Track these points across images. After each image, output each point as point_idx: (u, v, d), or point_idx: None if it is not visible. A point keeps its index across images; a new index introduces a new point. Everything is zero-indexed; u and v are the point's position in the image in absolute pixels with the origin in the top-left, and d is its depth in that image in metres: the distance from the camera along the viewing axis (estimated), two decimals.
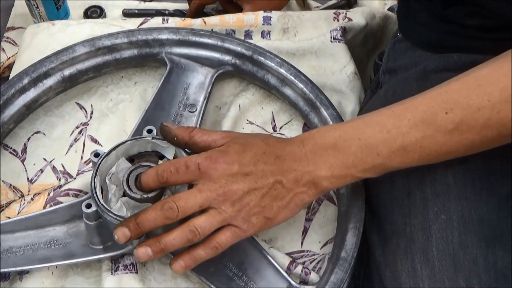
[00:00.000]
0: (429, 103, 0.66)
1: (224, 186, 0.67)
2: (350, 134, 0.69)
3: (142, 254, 0.68)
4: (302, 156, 0.69)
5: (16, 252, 0.74)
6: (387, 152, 0.67)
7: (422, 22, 0.84)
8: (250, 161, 0.68)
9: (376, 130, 0.67)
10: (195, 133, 0.73)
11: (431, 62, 0.82)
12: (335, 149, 0.69)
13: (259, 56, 0.92)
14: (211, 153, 0.69)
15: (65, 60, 0.89)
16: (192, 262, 0.70)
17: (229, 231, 0.69)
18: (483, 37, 0.78)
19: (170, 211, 0.67)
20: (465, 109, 0.63)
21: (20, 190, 0.85)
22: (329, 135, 0.70)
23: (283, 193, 0.69)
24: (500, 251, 0.67)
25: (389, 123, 0.67)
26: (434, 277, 0.68)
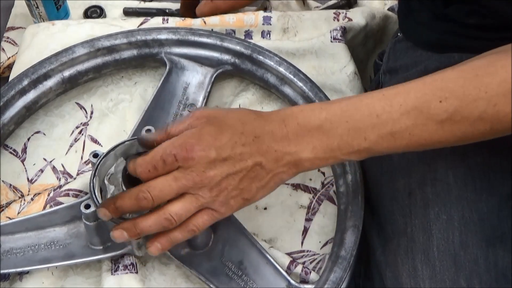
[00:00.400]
0: (423, 90, 0.63)
1: (202, 174, 0.64)
2: (337, 116, 0.65)
3: (118, 236, 0.67)
4: (283, 137, 0.66)
5: (16, 253, 0.74)
6: (375, 137, 0.64)
7: (422, 22, 0.84)
8: (227, 144, 0.65)
9: (365, 113, 0.64)
10: (170, 128, 0.69)
11: (432, 62, 0.82)
12: (320, 131, 0.65)
13: (258, 55, 0.92)
14: (185, 140, 0.65)
15: (64, 61, 0.89)
16: (169, 244, 0.68)
17: (206, 214, 0.67)
18: (483, 37, 0.78)
19: (144, 201, 0.65)
20: (461, 99, 0.61)
21: (20, 190, 0.85)
22: (314, 116, 0.66)
23: (262, 174, 0.66)
24: (501, 251, 0.67)
25: (379, 107, 0.64)
26: (435, 277, 0.68)
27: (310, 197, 0.85)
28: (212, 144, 0.64)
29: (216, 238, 0.77)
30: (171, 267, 0.78)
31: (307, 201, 0.85)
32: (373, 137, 0.64)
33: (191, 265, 0.75)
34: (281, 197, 0.85)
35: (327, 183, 0.86)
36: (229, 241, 0.76)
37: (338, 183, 0.83)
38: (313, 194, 0.85)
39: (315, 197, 0.85)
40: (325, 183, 0.86)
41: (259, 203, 0.84)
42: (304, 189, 0.86)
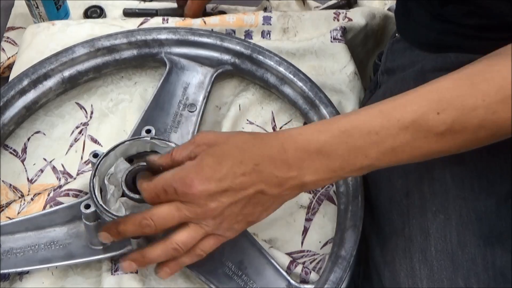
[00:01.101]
0: (420, 102, 0.62)
1: (203, 206, 0.65)
2: (336, 137, 0.64)
3: (127, 267, 0.70)
4: (283, 162, 0.65)
5: (16, 253, 0.74)
6: (376, 154, 0.63)
7: (419, 22, 0.84)
8: (227, 175, 0.64)
9: (364, 132, 0.63)
10: (175, 155, 0.69)
11: (429, 62, 0.82)
12: (320, 154, 0.64)
13: (258, 55, 0.92)
14: (185, 173, 0.65)
15: (64, 61, 0.89)
16: (177, 268, 0.70)
17: (213, 239, 0.68)
18: (480, 36, 0.78)
19: (147, 228, 0.66)
20: (459, 109, 0.60)
21: (20, 190, 0.85)
22: (313, 139, 0.65)
23: (265, 200, 0.67)
24: (499, 250, 0.67)
25: (377, 124, 0.63)
26: (432, 277, 0.68)
27: (310, 197, 0.85)
28: (212, 176, 0.64)
29: None
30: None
31: (307, 201, 0.85)
32: (374, 154, 0.64)
33: (191, 265, 0.75)
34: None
35: None
36: (229, 241, 0.76)
37: (338, 183, 0.83)
38: (313, 194, 0.85)
39: (315, 197, 0.85)
40: None
41: None
42: None
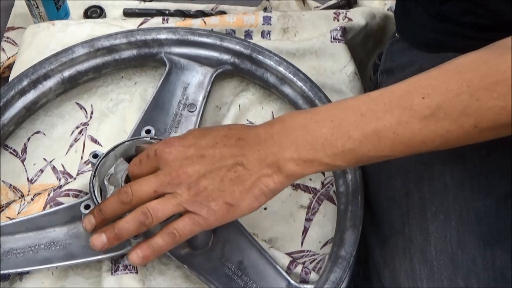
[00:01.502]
0: (407, 88, 0.63)
1: (178, 169, 0.64)
2: (322, 115, 0.65)
3: (97, 242, 0.67)
4: (267, 137, 0.65)
5: (16, 254, 0.74)
6: (359, 136, 0.63)
7: (418, 22, 0.84)
8: (207, 144, 0.65)
9: (349, 113, 0.64)
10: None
11: (427, 62, 0.82)
12: (304, 129, 0.64)
13: (258, 55, 0.92)
14: (169, 138, 0.68)
15: (64, 61, 0.89)
16: (150, 251, 0.67)
17: (187, 218, 0.65)
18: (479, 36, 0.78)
19: (125, 195, 0.65)
20: (443, 94, 0.61)
21: (20, 190, 0.85)
22: (300, 117, 0.66)
23: (245, 176, 0.65)
24: (499, 250, 0.67)
25: (364, 107, 0.63)
26: (432, 277, 0.68)
27: (310, 197, 0.85)
28: (193, 143, 0.66)
29: (216, 238, 0.77)
30: (171, 267, 0.78)
31: (307, 201, 0.85)
32: (357, 136, 0.63)
33: (191, 265, 0.75)
34: (281, 197, 0.85)
35: (327, 183, 0.86)
36: (229, 241, 0.77)
37: (338, 183, 0.83)
38: (313, 194, 0.85)
39: (315, 197, 0.85)
40: (325, 183, 0.86)
41: None
42: (304, 189, 0.86)
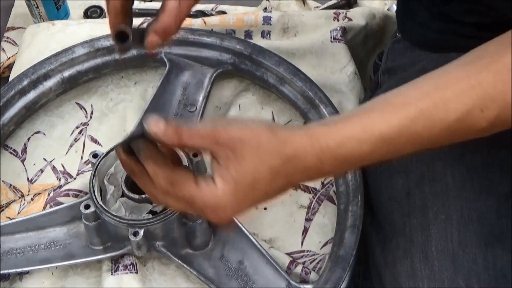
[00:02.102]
0: (463, 100, 0.58)
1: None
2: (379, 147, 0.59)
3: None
4: (318, 173, 0.60)
5: (16, 254, 0.75)
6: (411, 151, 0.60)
7: (420, 21, 0.84)
8: (260, 199, 0.60)
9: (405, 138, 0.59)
10: (185, 138, 0.59)
11: (430, 62, 0.82)
12: (359, 163, 0.60)
13: (258, 55, 0.92)
14: (219, 202, 0.58)
15: (64, 61, 0.89)
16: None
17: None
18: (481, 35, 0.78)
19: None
20: (502, 106, 0.58)
21: (20, 190, 0.85)
22: (355, 152, 0.59)
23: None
24: (500, 250, 0.67)
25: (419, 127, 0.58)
26: (433, 277, 0.68)
27: (310, 197, 0.85)
28: (245, 203, 0.60)
29: (216, 238, 0.77)
30: (171, 267, 0.78)
31: (307, 201, 0.85)
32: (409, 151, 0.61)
33: (191, 265, 0.75)
34: (281, 197, 0.85)
35: (327, 183, 0.86)
36: (229, 241, 0.77)
37: (338, 183, 0.83)
38: (313, 194, 0.85)
39: (315, 197, 0.85)
40: (325, 183, 0.86)
41: None
42: (304, 189, 0.86)
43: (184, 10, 0.67)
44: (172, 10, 0.67)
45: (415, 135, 0.59)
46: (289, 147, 0.58)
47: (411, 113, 0.59)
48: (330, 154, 0.59)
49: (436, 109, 0.59)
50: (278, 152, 0.58)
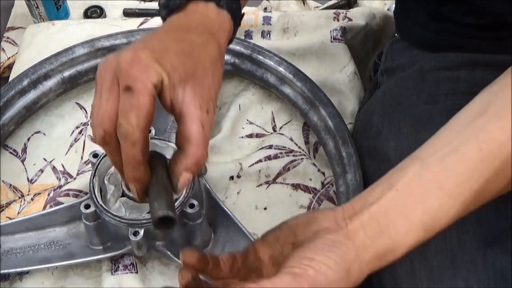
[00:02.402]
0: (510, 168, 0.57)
1: None
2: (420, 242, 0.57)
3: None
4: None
5: (16, 253, 0.74)
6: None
7: (418, 21, 0.84)
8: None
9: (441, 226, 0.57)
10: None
11: (428, 62, 0.82)
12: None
13: (258, 55, 0.92)
14: None
15: (64, 61, 0.89)
16: None
17: None
18: (478, 35, 0.78)
19: None
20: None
21: (20, 190, 0.85)
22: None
23: None
24: (499, 251, 0.67)
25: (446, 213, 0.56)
26: (432, 278, 0.67)
27: (310, 197, 0.85)
28: None
29: (216, 238, 0.77)
30: (171, 267, 0.78)
31: (307, 201, 0.85)
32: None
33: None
34: (281, 197, 0.85)
35: (327, 183, 0.86)
36: (229, 241, 0.76)
37: (338, 183, 0.83)
38: (313, 194, 0.85)
39: (315, 197, 0.85)
40: (325, 183, 0.86)
41: (259, 203, 0.84)
42: (304, 189, 0.86)
43: (208, 131, 0.58)
44: (199, 138, 0.56)
45: (467, 213, 0.58)
46: (359, 280, 0.56)
47: (467, 198, 0.57)
48: (393, 262, 0.57)
49: (489, 184, 0.57)
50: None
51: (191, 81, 0.57)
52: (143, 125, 0.53)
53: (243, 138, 0.91)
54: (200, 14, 0.64)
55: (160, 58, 0.55)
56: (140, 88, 0.53)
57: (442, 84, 0.79)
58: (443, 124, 0.63)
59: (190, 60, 0.58)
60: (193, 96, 0.56)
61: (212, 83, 0.59)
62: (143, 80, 0.53)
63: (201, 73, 0.58)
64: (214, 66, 0.61)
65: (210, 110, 0.57)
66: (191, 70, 0.57)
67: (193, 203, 0.70)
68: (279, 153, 0.88)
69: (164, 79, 0.54)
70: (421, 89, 0.80)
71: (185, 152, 0.56)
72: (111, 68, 0.55)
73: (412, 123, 0.78)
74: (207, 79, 0.59)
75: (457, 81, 0.79)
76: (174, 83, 0.55)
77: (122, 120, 0.53)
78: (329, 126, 0.86)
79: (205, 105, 0.57)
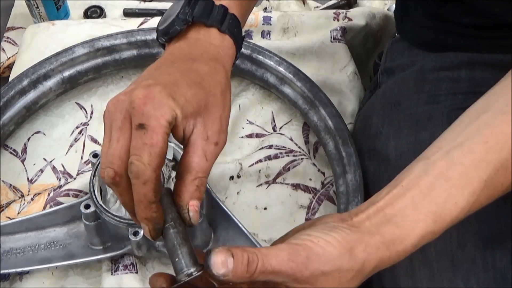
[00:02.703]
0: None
1: None
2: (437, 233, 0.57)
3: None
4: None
5: (16, 253, 0.75)
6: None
7: (418, 21, 0.84)
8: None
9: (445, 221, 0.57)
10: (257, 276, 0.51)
11: (428, 62, 0.82)
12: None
13: (258, 55, 0.92)
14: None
15: (64, 61, 0.89)
16: None
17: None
18: (478, 35, 0.78)
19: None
20: None
21: (20, 190, 0.85)
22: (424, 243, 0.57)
23: None
24: (499, 251, 0.67)
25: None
26: (432, 278, 0.67)
27: (310, 197, 0.85)
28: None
29: (216, 238, 0.77)
30: (171, 267, 0.78)
31: (307, 201, 0.85)
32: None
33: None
34: (281, 197, 0.85)
35: (327, 183, 0.86)
36: (229, 241, 0.76)
37: (338, 183, 0.83)
38: (313, 194, 0.85)
39: (315, 197, 0.85)
40: (325, 183, 0.86)
41: (259, 203, 0.84)
42: (304, 189, 0.86)
43: (212, 162, 0.56)
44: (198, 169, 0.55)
45: (478, 206, 0.58)
46: (369, 267, 0.55)
47: (475, 188, 0.57)
48: (405, 255, 0.57)
49: (497, 175, 0.57)
50: (359, 275, 0.55)
51: (203, 112, 0.56)
52: (155, 164, 0.52)
53: (243, 138, 0.91)
54: (203, 41, 0.63)
55: (173, 93, 0.54)
56: (154, 126, 0.52)
57: (443, 84, 0.79)
58: (443, 124, 0.63)
59: (202, 91, 0.57)
60: (202, 128, 0.56)
61: (223, 112, 0.59)
62: (157, 118, 0.52)
63: (212, 103, 0.57)
64: (224, 95, 0.60)
65: (220, 142, 0.56)
66: (203, 101, 0.56)
67: None
68: (279, 153, 0.88)
69: (177, 115, 0.53)
70: (422, 89, 0.80)
71: (183, 181, 0.55)
72: (122, 106, 0.54)
73: (412, 123, 0.78)
74: (219, 109, 0.58)
75: (458, 81, 0.79)
76: (187, 116, 0.55)
77: (133, 158, 0.52)
78: (329, 126, 0.86)
79: (215, 137, 0.56)
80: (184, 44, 0.63)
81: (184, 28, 0.63)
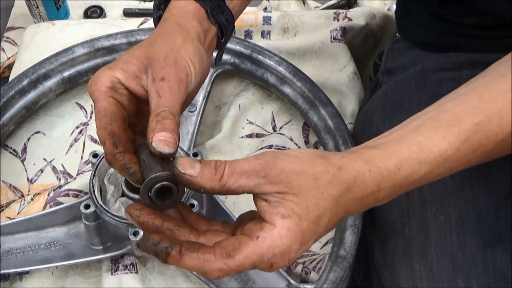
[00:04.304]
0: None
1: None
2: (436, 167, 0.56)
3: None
4: (374, 201, 0.56)
5: (16, 253, 0.74)
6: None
7: (419, 22, 0.84)
8: (322, 233, 0.54)
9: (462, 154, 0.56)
10: (227, 179, 0.51)
11: (429, 62, 0.82)
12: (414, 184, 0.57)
13: (258, 55, 0.92)
14: (287, 248, 0.51)
15: (64, 61, 0.89)
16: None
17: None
18: (480, 35, 0.78)
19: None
20: None
21: (20, 190, 0.85)
22: (413, 174, 0.56)
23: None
24: (499, 251, 0.67)
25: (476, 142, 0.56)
26: (432, 278, 0.68)
27: None
28: (310, 239, 0.53)
29: None
30: (171, 267, 0.78)
31: None
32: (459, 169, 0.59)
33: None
34: None
35: None
36: None
37: None
38: None
39: None
40: None
41: None
42: None
43: (168, 96, 0.57)
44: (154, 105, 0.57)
45: (470, 151, 0.56)
46: (347, 174, 0.53)
47: (467, 128, 0.56)
48: (389, 178, 0.55)
49: (491, 122, 0.56)
50: (337, 180, 0.53)
51: (150, 64, 0.59)
52: (103, 124, 0.56)
53: (243, 138, 0.91)
54: (171, 11, 0.66)
55: (115, 64, 0.59)
56: (98, 96, 0.58)
57: (444, 85, 0.79)
58: None
59: (149, 49, 0.60)
60: (150, 76, 0.58)
61: (171, 52, 0.60)
62: (98, 89, 0.58)
63: (153, 51, 0.60)
64: (169, 39, 0.62)
65: (166, 76, 0.58)
66: (149, 56, 0.59)
67: (193, 203, 0.70)
68: None
69: (118, 77, 0.58)
70: (423, 89, 0.80)
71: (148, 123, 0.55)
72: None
73: None
74: (161, 53, 0.60)
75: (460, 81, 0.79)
76: (133, 73, 0.58)
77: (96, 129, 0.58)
78: (329, 126, 0.86)
79: (159, 73, 0.58)
80: (163, 19, 0.67)
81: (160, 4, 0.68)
